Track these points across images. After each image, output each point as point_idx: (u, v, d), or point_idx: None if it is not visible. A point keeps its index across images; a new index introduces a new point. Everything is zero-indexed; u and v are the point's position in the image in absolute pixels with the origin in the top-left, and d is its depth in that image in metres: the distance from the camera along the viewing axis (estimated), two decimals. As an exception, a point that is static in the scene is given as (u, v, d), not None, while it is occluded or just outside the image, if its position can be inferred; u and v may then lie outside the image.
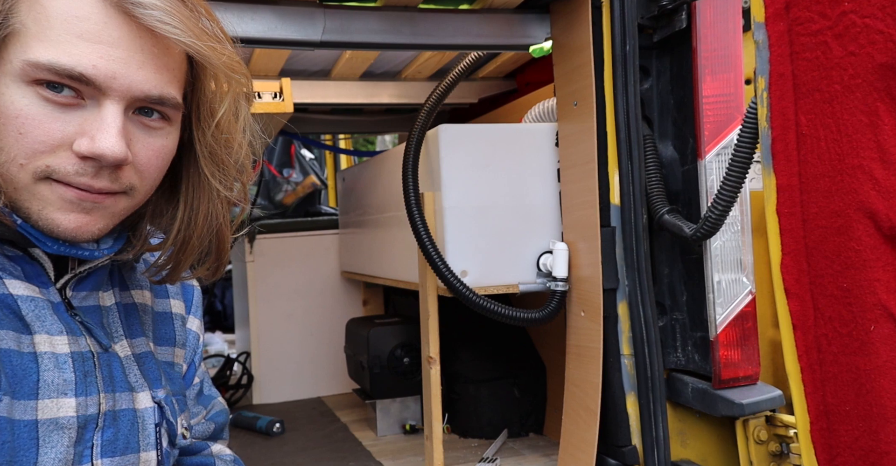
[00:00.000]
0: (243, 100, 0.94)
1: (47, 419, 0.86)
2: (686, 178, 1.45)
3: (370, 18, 1.52)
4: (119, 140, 0.81)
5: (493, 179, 1.62)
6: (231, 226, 1.01)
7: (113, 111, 0.82)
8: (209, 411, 1.17)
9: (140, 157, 0.86)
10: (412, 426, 2.13)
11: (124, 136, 0.83)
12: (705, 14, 1.37)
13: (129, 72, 0.83)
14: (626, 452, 1.44)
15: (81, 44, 0.81)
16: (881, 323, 0.84)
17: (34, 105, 0.81)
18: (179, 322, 1.11)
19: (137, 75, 0.83)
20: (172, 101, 0.87)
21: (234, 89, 0.92)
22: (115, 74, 0.81)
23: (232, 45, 0.91)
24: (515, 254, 1.62)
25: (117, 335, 0.98)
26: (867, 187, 0.84)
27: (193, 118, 0.93)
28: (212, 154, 0.94)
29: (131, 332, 1.00)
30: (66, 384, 0.88)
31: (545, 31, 1.63)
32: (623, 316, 1.45)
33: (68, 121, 0.81)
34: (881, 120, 0.82)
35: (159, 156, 0.89)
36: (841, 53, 0.85)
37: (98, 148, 0.80)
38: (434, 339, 1.69)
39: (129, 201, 0.89)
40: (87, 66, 0.80)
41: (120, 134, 0.82)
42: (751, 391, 1.38)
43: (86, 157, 0.81)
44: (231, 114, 0.93)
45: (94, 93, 0.82)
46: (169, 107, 0.88)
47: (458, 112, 2.82)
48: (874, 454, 0.86)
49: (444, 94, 1.76)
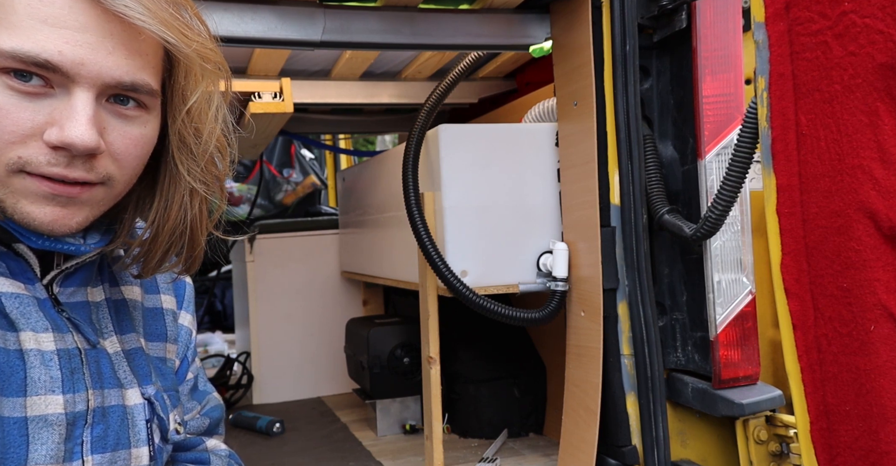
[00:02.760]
0: (217, 90, 0.91)
1: (36, 416, 0.85)
2: (686, 178, 1.45)
3: (370, 18, 1.52)
4: (89, 128, 0.79)
5: (493, 179, 1.62)
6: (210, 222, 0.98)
7: (83, 99, 0.79)
8: (204, 406, 1.16)
9: (116, 146, 0.84)
10: (412, 426, 2.13)
11: (96, 124, 0.80)
12: (705, 14, 1.37)
13: (97, 57, 0.80)
14: (626, 452, 1.44)
15: (46, 29, 0.78)
16: (881, 323, 0.84)
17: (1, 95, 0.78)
18: (171, 317, 1.09)
19: (107, 61, 0.80)
20: (146, 88, 0.84)
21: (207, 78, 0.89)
22: (83, 60, 0.79)
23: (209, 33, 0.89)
24: (515, 254, 1.62)
25: (107, 331, 0.97)
26: (867, 187, 0.84)
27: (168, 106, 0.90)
28: (182, 142, 0.91)
29: (121, 328, 0.99)
30: (53, 381, 0.87)
31: (545, 31, 1.63)
32: (623, 316, 1.45)
33: (37, 110, 0.79)
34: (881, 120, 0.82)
35: (137, 145, 0.86)
36: (841, 53, 0.85)
37: (67, 136, 0.78)
38: (434, 339, 1.69)
39: (108, 192, 0.86)
40: (52, 52, 0.77)
41: (90, 122, 0.79)
42: (751, 391, 1.38)
43: (57, 147, 0.79)
44: (203, 102, 0.90)
45: (63, 80, 0.79)
46: (144, 94, 0.85)
47: (458, 112, 2.82)
48: (874, 454, 0.86)
49: (444, 94, 1.76)
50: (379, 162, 2.15)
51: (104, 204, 0.87)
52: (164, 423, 1.00)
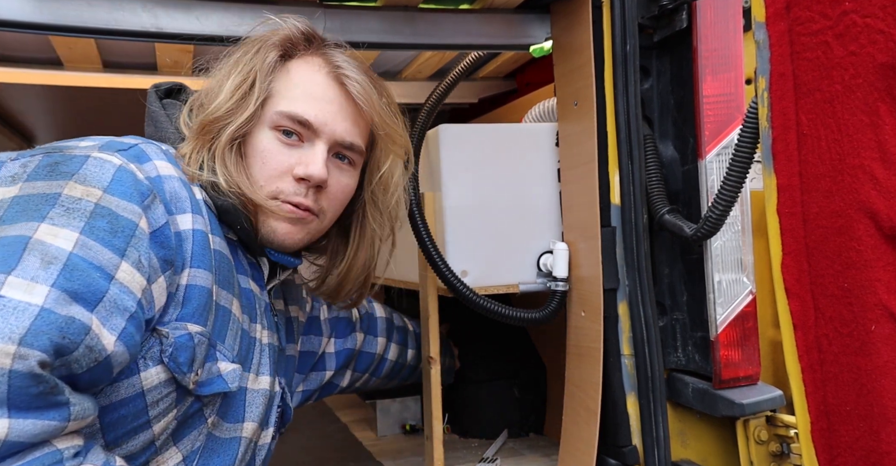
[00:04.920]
0: (401, 164, 1.31)
1: (254, 388, 1.18)
2: (686, 178, 1.45)
3: (370, 18, 1.52)
4: (322, 167, 1.16)
5: (493, 179, 1.62)
6: None
7: (321, 149, 1.18)
8: None
9: (332, 188, 1.20)
10: (412, 426, 2.13)
11: (326, 166, 1.17)
12: (706, 14, 1.37)
13: (335, 121, 1.19)
14: (627, 452, 1.44)
15: (310, 100, 1.18)
16: (882, 323, 0.84)
17: (272, 143, 1.17)
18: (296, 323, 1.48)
19: (340, 125, 1.19)
20: (358, 148, 1.23)
21: (395, 153, 1.28)
22: (327, 122, 1.18)
23: (404, 123, 1.29)
24: (516, 254, 1.62)
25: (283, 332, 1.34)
26: (868, 187, 0.84)
27: (367, 170, 1.29)
28: (373, 197, 1.30)
29: (289, 339, 1.39)
30: (264, 366, 1.21)
31: (545, 31, 1.63)
32: (623, 316, 1.45)
33: (292, 155, 1.17)
34: (882, 120, 0.82)
35: (343, 191, 1.24)
36: (842, 53, 0.85)
37: (309, 170, 1.15)
38: (434, 339, 1.69)
39: (319, 223, 1.22)
40: (311, 115, 1.17)
41: (324, 163, 1.17)
42: (751, 391, 1.38)
43: (301, 179, 1.15)
44: (391, 170, 1.29)
45: (311, 135, 1.18)
46: (355, 153, 1.23)
47: (458, 112, 2.82)
48: (875, 454, 0.86)
49: (444, 94, 1.75)
50: (379, 162, 2.14)
51: (315, 232, 1.23)
52: (288, 411, 1.33)
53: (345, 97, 1.20)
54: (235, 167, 1.14)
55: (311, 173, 1.15)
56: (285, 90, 1.19)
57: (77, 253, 0.88)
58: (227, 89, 1.16)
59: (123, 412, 0.97)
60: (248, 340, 1.16)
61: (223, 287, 1.10)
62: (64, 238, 0.88)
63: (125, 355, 0.90)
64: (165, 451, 1.04)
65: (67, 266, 0.86)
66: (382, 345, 1.74)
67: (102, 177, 0.96)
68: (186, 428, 1.07)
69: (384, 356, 1.75)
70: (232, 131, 1.14)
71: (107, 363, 0.87)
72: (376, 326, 1.75)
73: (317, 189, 1.17)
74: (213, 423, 1.11)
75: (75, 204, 0.92)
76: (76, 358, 0.83)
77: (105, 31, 1.34)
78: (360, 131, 1.23)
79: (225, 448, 1.13)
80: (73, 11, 1.31)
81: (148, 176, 1.03)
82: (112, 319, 0.88)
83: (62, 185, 0.93)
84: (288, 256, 1.23)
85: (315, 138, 1.17)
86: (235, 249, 1.18)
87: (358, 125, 1.22)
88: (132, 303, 0.91)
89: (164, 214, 1.01)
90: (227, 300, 1.11)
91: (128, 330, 0.90)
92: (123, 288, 0.91)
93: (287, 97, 1.18)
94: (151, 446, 1.02)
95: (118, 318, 0.89)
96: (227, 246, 1.15)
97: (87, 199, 0.93)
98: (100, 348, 0.85)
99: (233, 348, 1.11)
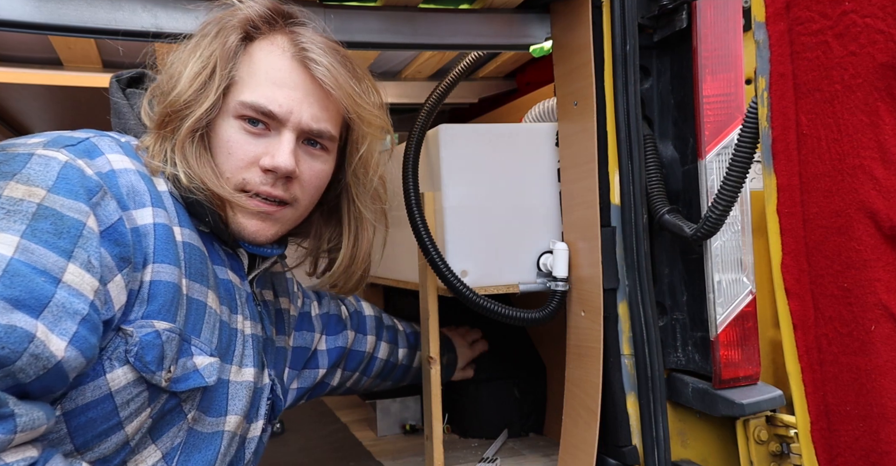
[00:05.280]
0: (380, 143, 1.27)
1: (236, 381, 1.15)
2: (686, 178, 1.45)
3: (370, 18, 1.52)
4: (290, 157, 1.12)
5: (493, 179, 1.62)
6: None
7: (288, 138, 1.13)
8: None
9: (304, 175, 1.16)
10: (412, 426, 2.13)
11: (294, 156, 1.13)
12: (706, 14, 1.37)
13: (301, 109, 1.13)
14: (627, 452, 1.44)
15: (274, 88, 1.12)
16: (882, 323, 0.84)
17: (238, 134, 1.12)
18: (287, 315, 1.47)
19: (307, 113, 1.14)
20: (328, 134, 1.18)
21: (372, 134, 1.23)
22: (292, 110, 1.12)
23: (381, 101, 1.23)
24: (516, 254, 1.62)
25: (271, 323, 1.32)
26: (868, 187, 0.84)
27: (346, 152, 1.25)
28: (356, 177, 1.26)
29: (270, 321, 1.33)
30: (247, 357, 1.18)
31: (545, 31, 1.63)
32: (623, 315, 1.45)
33: (258, 145, 1.12)
34: (882, 120, 0.82)
35: (318, 177, 1.19)
36: (841, 53, 0.85)
37: (276, 162, 1.11)
38: (434, 339, 1.69)
39: (294, 212, 1.18)
40: (275, 105, 1.11)
41: (291, 153, 1.12)
42: (751, 391, 1.38)
43: (267, 170, 1.11)
44: (370, 150, 1.25)
45: (277, 125, 1.13)
46: (326, 140, 1.19)
47: (458, 112, 2.82)
48: (874, 454, 0.86)
49: (444, 94, 1.75)
50: (379, 162, 2.14)
51: (290, 222, 1.20)
52: (279, 403, 1.30)
53: (311, 81, 1.14)
54: (198, 159, 1.10)
55: (278, 164, 1.11)
56: (248, 77, 1.13)
57: (18, 259, 0.84)
58: (187, 77, 1.11)
59: (92, 415, 0.95)
60: (228, 332, 1.14)
61: (195, 279, 1.07)
62: (3, 243, 0.85)
63: (80, 359, 0.88)
64: (143, 450, 1.03)
65: (7, 272, 0.83)
66: (372, 343, 1.72)
67: (46, 175, 0.92)
68: (165, 425, 1.05)
69: (374, 354, 1.73)
70: (192, 122, 1.09)
71: (58, 369, 0.85)
72: (365, 324, 1.73)
73: (287, 178, 1.14)
74: (194, 418, 1.09)
75: (16, 206, 0.88)
76: (21, 368, 0.80)
77: (105, 31, 1.34)
78: (330, 116, 1.17)
79: (207, 444, 1.11)
80: (73, 11, 1.31)
81: (99, 171, 0.99)
82: (61, 324, 0.85)
83: (2, 187, 0.89)
84: (264, 247, 1.20)
85: (281, 127, 1.13)
86: (210, 240, 1.16)
87: (327, 110, 1.17)
88: (83, 306, 0.88)
89: (118, 210, 0.97)
90: (201, 292, 1.08)
91: (80, 333, 0.87)
92: (72, 291, 0.88)
93: (250, 85, 1.12)
94: (126, 446, 1.00)
95: (68, 322, 0.86)
96: (200, 238, 1.12)
97: (28, 200, 0.89)
98: (47, 355, 0.83)
99: (210, 341, 1.09)
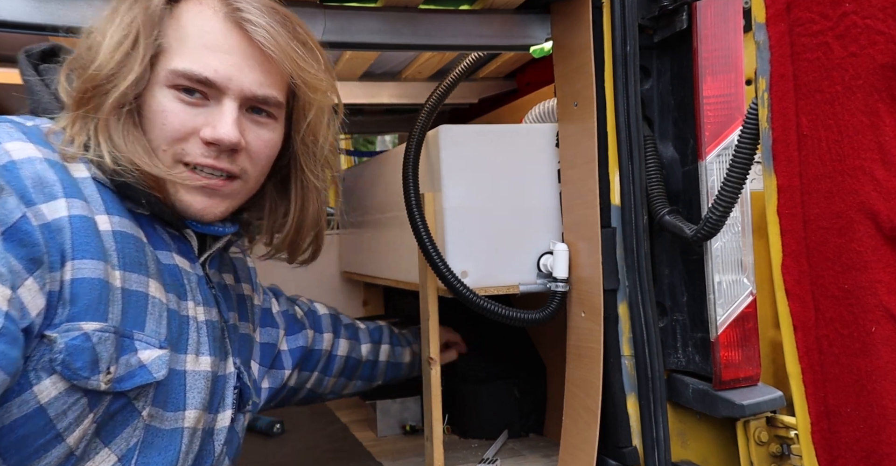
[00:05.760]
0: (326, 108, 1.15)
1: (194, 370, 1.07)
2: (687, 179, 1.45)
3: (370, 19, 1.52)
4: (233, 128, 1.02)
5: (493, 180, 1.62)
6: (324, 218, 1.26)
7: (230, 107, 1.03)
8: None
9: (252, 146, 1.07)
10: (412, 426, 2.13)
11: (238, 126, 1.03)
12: (706, 14, 1.37)
13: (241, 75, 1.03)
14: (627, 453, 1.44)
15: (208, 53, 1.02)
16: (882, 324, 0.84)
17: (172, 103, 1.02)
18: (250, 302, 1.38)
19: (247, 78, 1.04)
20: (274, 101, 1.08)
21: (319, 99, 1.12)
22: (231, 77, 1.02)
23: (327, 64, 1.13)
24: (516, 255, 1.62)
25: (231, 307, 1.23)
26: (868, 188, 0.84)
27: (293, 120, 1.15)
28: (305, 146, 1.15)
29: (228, 306, 1.24)
30: (203, 345, 1.09)
31: (545, 32, 1.63)
32: (623, 316, 1.45)
33: (197, 115, 1.02)
34: (882, 121, 0.82)
35: (267, 146, 1.10)
36: (842, 54, 0.85)
37: (218, 133, 1.01)
38: (434, 339, 1.69)
39: (243, 185, 1.09)
40: (210, 71, 1.01)
41: (234, 123, 1.03)
42: (751, 392, 1.38)
43: (209, 142, 1.02)
44: (318, 117, 1.14)
45: (216, 93, 1.03)
46: (272, 106, 1.09)
47: (458, 112, 2.82)
48: (875, 455, 0.86)
49: (444, 95, 1.75)
50: (379, 162, 2.15)
51: (241, 196, 1.11)
52: (247, 391, 1.22)
53: (248, 44, 1.04)
54: (126, 138, 0.99)
55: (221, 136, 1.01)
56: (177, 43, 1.02)
57: None
58: (107, 48, 0.99)
59: (23, 432, 0.88)
60: (178, 320, 1.05)
61: (131, 270, 0.98)
62: None
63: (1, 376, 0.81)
64: (94, 455, 0.96)
65: None
66: (329, 341, 1.64)
67: None
68: (118, 426, 0.97)
69: (332, 352, 1.64)
70: (117, 98, 0.98)
71: None
72: (321, 322, 1.66)
73: (232, 151, 1.04)
74: (151, 415, 1.00)
75: None
76: None
77: (105, 31, 1.34)
78: (273, 81, 1.07)
79: (167, 442, 1.02)
80: (73, 11, 1.31)
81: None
82: None
83: None
84: (214, 226, 1.11)
85: (221, 95, 1.03)
86: (151, 224, 1.07)
87: (270, 74, 1.06)
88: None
89: (19, 207, 0.87)
90: (140, 282, 0.99)
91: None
92: None
93: (180, 51, 1.02)
94: (71, 456, 0.93)
95: None
96: (137, 223, 1.03)
97: None
98: None
99: (158, 332, 1.00)
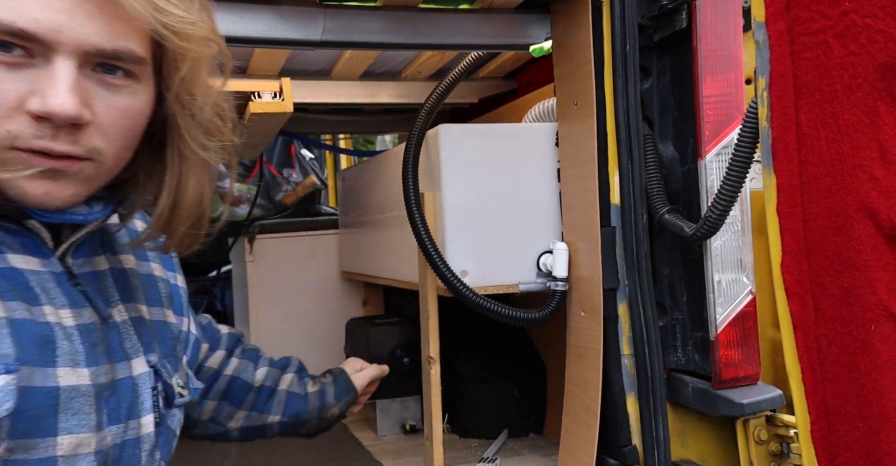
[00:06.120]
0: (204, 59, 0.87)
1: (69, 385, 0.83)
2: (686, 178, 1.45)
3: (370, 18, 1.52)
4: (70, 96, 0.75)
5: (493, 179, 1.62)
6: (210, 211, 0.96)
7: (63, 67, 0.76)
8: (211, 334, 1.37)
9: (103, 117, 0.80)
10: (412, 426, 2.13)
11: (79, 94, 0.76)
12: (705, 14, 1.37)
13: (75, 23, 0.76)
14: (627, 452, 1.44)
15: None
16: (882, 323, 0.84)
17: None
18: (163, 284, 1.09)
19: (86, 27, 0.76)
20: (130, 55, 0.80)
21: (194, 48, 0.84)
22: (61, 26, 0.75)
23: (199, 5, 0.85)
24: (515, 254, 1.62)
25: (114, 300, 0.96)
26: (868, 187, 0.84)
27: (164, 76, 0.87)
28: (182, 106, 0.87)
29: (124, 297, 0.98)
30: (78, 354, 0.85)
31: (545, 31, 1.63)
32: (623, 316, 1.45)
33: (20, 80, 0.75)
34: (882, 120, 0.82)
35: (125, 116, 0.82)
36: (841, 53, 0.85)
37: (48, 105, 0.74)
38: (434, 339, 1.69)
39: (98, 167, 0.82)
40: (28, 19, 0.73)
41: (71, 90, 0.76)
42: (751, 391, 1.38)
43: (40, 117, 0.75)
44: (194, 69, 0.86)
45: (43, 49, 0.75)
46: (130, 63, 0.81)
47: (458, 112, 2.82)
48: (875, 454, 0.86)
49: (444, 94, 1.75)
50: (379, 162, 2.15)
51: (96, 179, 0.84)
52: (170, 389, 1.00)
53: None
54: None
55: (52, 108, 0.75)
56: None
57: None
58: None
59: None
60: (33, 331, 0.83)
61: None
62: None
63: None
64: None
65: None
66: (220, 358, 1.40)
67: None
68: None
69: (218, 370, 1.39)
70: None
71: None
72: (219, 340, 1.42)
73: (73, 126, 0.78)
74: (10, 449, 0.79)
75: None
76: None
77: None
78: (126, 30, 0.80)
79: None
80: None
81: None
82: None
83: None
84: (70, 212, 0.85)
85: (51, 53, 0.75)
86: None
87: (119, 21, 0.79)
88: None
89: None
90: None
91: None
92: None
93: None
94: None
95: None
96: None
97: None
98: None
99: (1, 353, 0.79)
